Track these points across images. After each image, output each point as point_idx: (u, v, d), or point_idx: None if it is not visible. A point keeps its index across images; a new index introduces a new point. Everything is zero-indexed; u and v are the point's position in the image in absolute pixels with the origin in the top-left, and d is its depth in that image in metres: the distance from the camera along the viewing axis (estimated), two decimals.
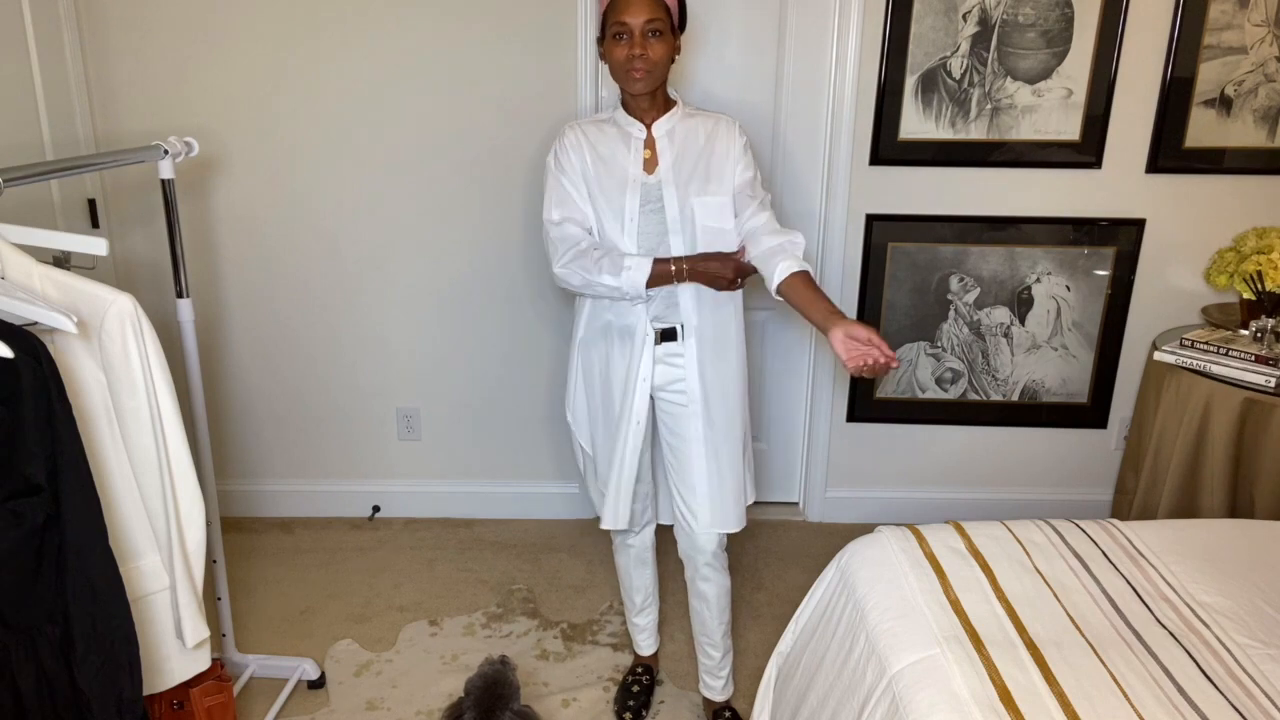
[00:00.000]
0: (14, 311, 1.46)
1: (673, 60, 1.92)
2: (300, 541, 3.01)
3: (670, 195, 1.93)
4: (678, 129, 1.96)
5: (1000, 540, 1.78)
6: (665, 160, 1.94)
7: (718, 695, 2.23)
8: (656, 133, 1.95)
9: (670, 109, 1.97)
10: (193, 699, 1.97)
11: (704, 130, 1.97)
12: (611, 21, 1.84)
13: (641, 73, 1.85)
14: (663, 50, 1.86)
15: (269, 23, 2.70)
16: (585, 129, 2.00)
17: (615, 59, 1.86)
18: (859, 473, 3.13)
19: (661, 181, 1.93)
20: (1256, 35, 2.64)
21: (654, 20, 1.83)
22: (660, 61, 1.87)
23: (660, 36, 1.85)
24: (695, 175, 1.94)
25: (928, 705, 1.36)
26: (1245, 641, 1.50)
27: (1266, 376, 2.37)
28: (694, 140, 1.96)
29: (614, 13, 1.84)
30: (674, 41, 1.90)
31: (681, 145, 1.95)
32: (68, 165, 1.83)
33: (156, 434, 1.65)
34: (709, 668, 2.21)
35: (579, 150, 1.96)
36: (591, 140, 1.97)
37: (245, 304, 2.96)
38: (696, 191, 1.93)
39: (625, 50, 1.84)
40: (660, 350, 1.99)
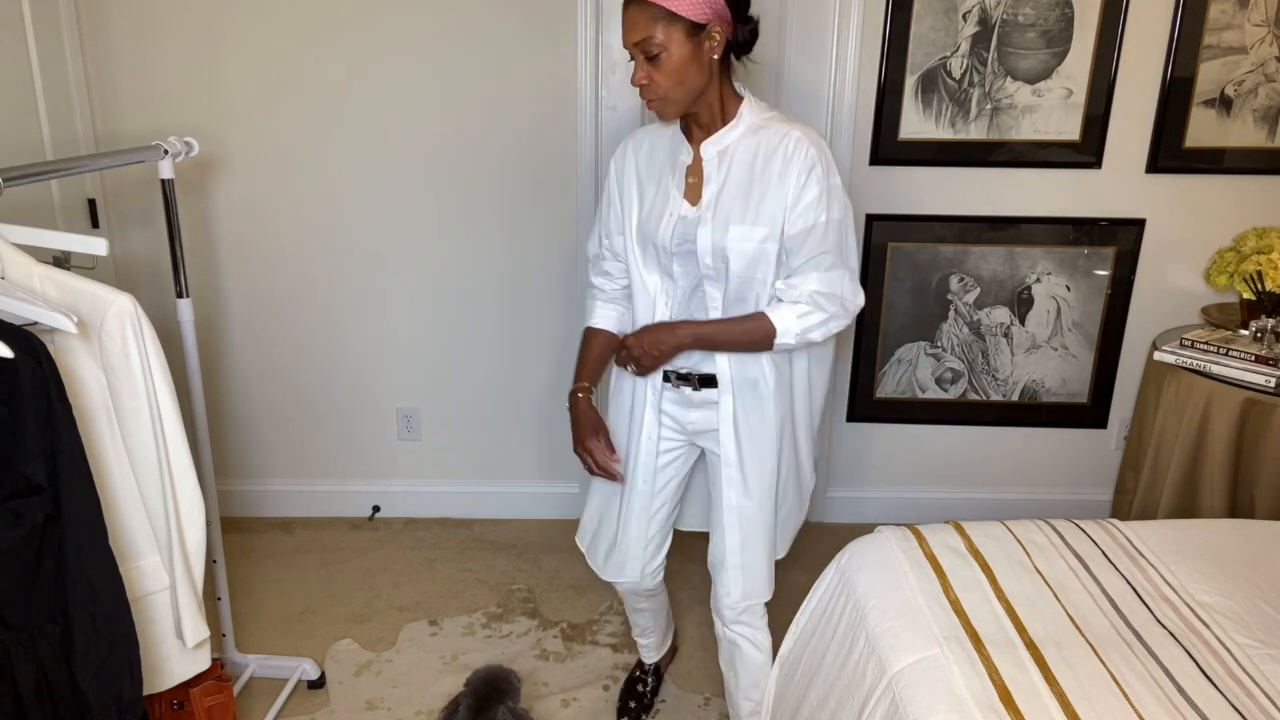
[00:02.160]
0: (14, 311, 1.46)
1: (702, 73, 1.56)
2: (300, 541, 3.01)
3: (704, 233, 1.62)
4: (735, 148, 1.62)
5: (1000, 540, 1.78)
6: (710, 189, 1.63)
7: None
8: (705, 154, 1.64)
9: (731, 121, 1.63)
10: (193, 699, 1.97)
11: (766, 147, 1.61)
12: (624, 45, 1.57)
13: (654, 104, 1.58)
14: (668, 73, 1.54)
15: (269, 23, 2.70)
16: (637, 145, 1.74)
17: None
18: (859, 473, 3.13)
19: (699, 217, 1.63)
20: (1256, 35, 2.64)
21: (646, 40, 1.52)
22: (672, 85, 1.55)
23: (663, 55, 1.53)
24: (736, 204, 1.61)
25: (928, 705, 1.36)
26: (1245, 641, 1.50)
27: (1266, 376, 2.37)
28: (750, 162, 1.61)
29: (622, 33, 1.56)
30: (698, 46, 1.55)
31: (732, 169, 1.62)
32: (68, 165, 1.83)
33: (156, 434, 1.65)
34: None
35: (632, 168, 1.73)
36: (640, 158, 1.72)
37: (245, 304, 2.96)
38: (737, 233, 1.61)
39: (633, 78, 1.56)
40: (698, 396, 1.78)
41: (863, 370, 2.99)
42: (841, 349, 2.97)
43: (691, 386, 1.78)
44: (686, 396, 1.80)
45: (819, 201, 1.59)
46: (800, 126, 1.62)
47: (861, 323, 2.94)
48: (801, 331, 1.65)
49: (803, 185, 1.58)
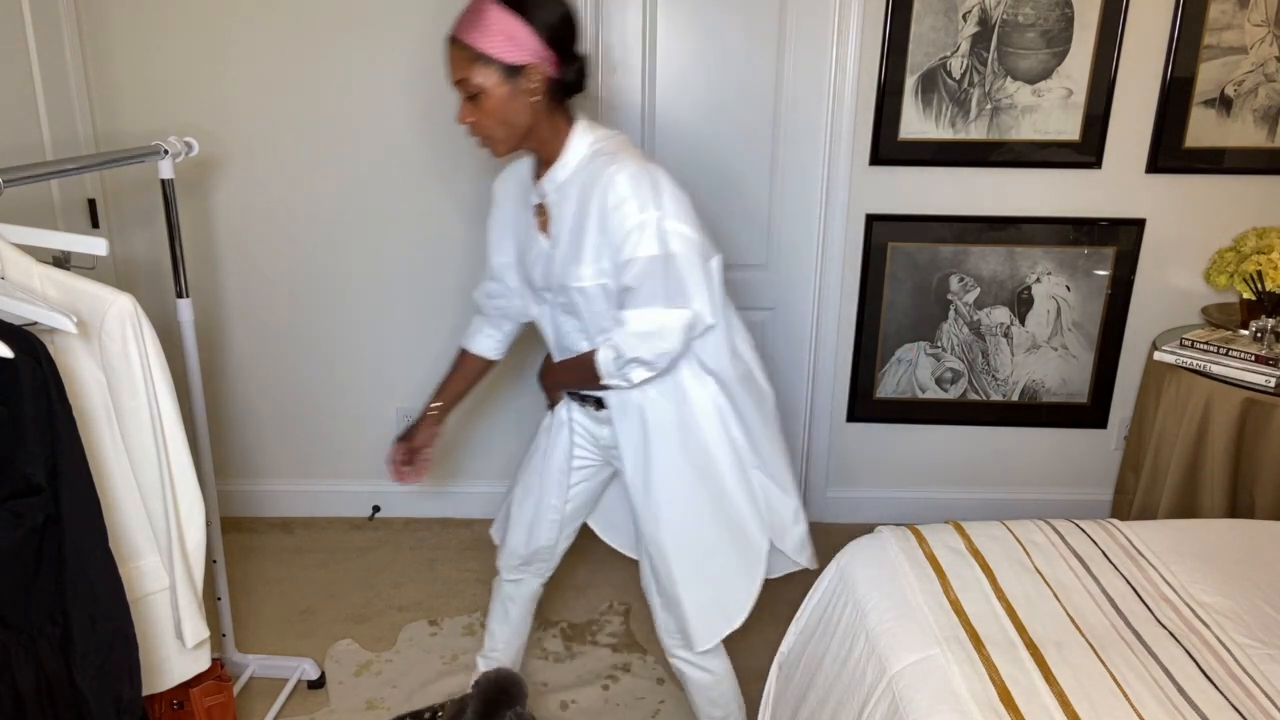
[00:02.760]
0: (14, 311, 1.46)
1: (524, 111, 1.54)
2: (300, 541, 3.01)
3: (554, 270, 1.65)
4: (568, 185, 1.60)
5: (1000, 540, 1.78)
6: (555, 226, 1.63)
7: None
8: (546, 192, 1.64)
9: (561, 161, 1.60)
10: (193, 699, 1.97)
11: (590, 184, 1.56)
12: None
13: (479, 143, 1.58)
14: (489, 110, 1.52)
15: (269, 23, 2.70)
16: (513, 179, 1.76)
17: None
18: (859, 473, 3.13)
19: (551, 254, 1.65)
20: (1256, 35, 2.64)
21: (463, 80, 1.51)
22: (495, 125, 1.54)
23: (481, 96, 1.51)
24: (573, 242, 1.61)
25: (928, 705, 1.36)
26: (1245, 641, 1.50)
27: (1266, 376, 2.37)
28: (580, 200, 1.58)
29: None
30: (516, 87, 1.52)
31: (568, 207, 1.61)
32: (68, 165, 1.82)
33: (156, 434, 1.65)
34: None
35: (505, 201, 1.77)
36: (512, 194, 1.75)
37: (245, 304, 2.96)
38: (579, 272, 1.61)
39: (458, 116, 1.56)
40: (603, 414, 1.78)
41: (863, 370, 2.99)
42: (841, 349, 2.98)
43: (594, 406, 1.79)
44: (594, 414, 1.81)
45: (631, 235, 1.53)
46: (624, 159, 1.54)
47: (861, 323, 2.94)
48: (618, 372, 1.62)
49: (617, 222, 1.54)
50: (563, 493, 1.91)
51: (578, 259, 1.60)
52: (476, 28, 1.49)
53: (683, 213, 1.57)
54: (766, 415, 1.79)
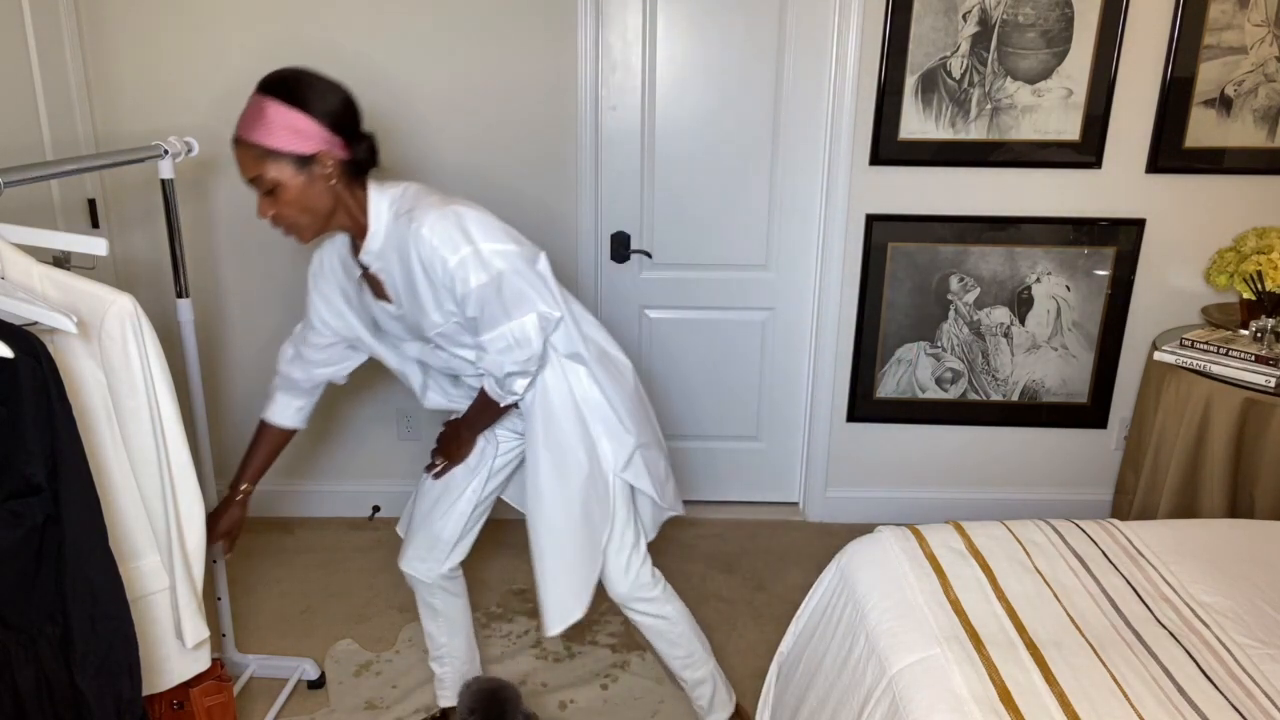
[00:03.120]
0: (14, 311, 1.46)
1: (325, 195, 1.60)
2: (300, 541, 3.01)
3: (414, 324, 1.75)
4: (384, 251, 1.68)
5: (1000, 540, 1.78)
6: (391, 289, 1.73)
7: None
8: (366, 263, 1.72)
9: (369, 231, 1.67)
10: (193, 699, 1.97)
11: (401, 244, 1.66)
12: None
13: (285, 232, 1.63)
14: (288, 201, 1.58)
15: (269, 22, 2.70)
16: (332, 260, 1.81)
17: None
18: (859, 473, 3.13)
19: (401, 314, 1.76)
20: (1256, 35, 2.64)
21: (257, 178, 1.56)
22: (297, 214, 1.59)
23: (277, 189, 1.56)
24: (413, 298, 1.71)
25: (928, 705, 1.36)
26: (1245, 641, 1.50)
27: (1266, 376, 2.37)
28: (401, 261, 1.67)
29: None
30: (311, 175, 1.57)
31: (394, 269, 1.69)
32: (68, 165, 1.82)
33: (156, 434, 1.65)
34: (686, 693, 2.12)
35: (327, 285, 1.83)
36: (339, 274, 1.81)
37: (245, 304, 2.96)
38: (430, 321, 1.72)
39: (257, 210, 1.60)
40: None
41: (863, 370, 2.99)
42: (841, 349, 2.98)
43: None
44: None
45: (455, 275, 1.63)
46: (421, 212, 1.63)
47: (861, 323, 2.94)
48: (504, 392, 1.76)
49: (439, 271, 1.63)
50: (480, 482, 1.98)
51: (423, 311, 1.70)
52: (260, 126, 1.55)
53: (492, 232, 1.66)
54: (629, 388, 1.91)
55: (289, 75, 1.58)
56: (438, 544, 2.02)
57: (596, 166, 2.83)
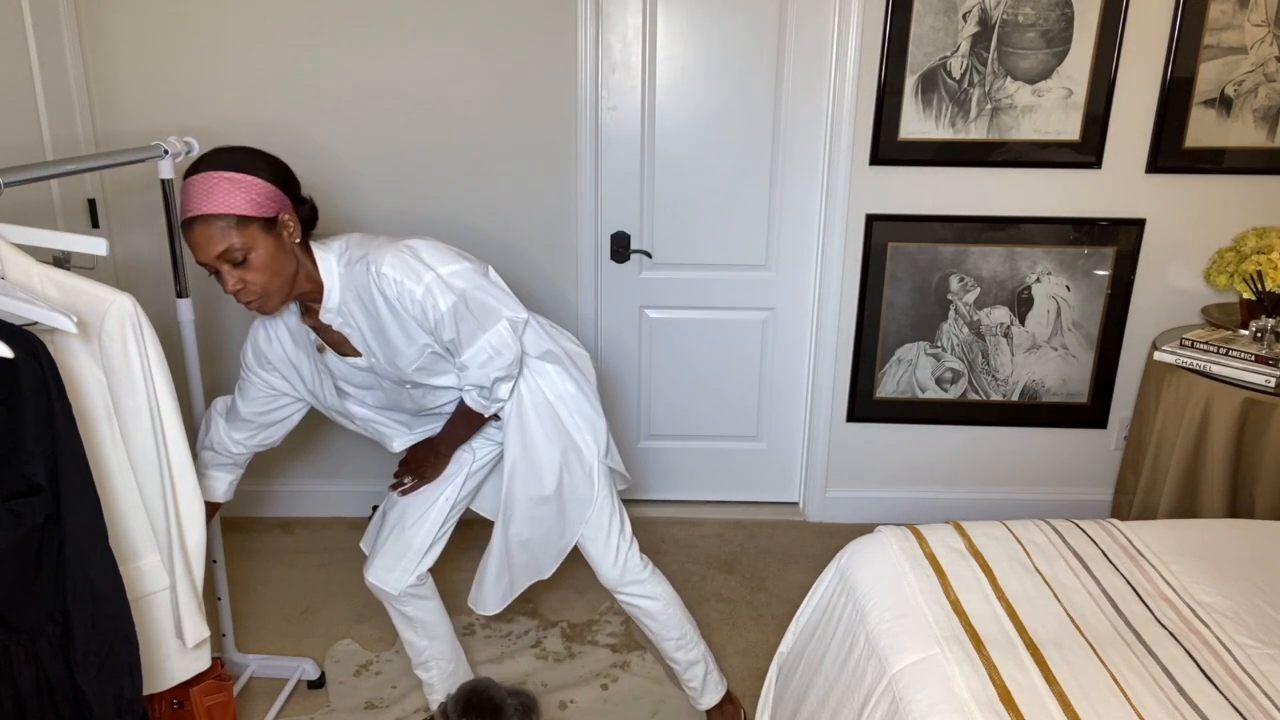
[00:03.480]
0: (14, 311, 1.46)
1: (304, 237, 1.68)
2: (300, 541, 3.01)
3: (387, 370, 1.80)
4: (344, 303, 1.73)
5: (1000, 540, 1.78)
6: (358, 342, 1.76)
7: (697, 703, 2.19)
8: (328, 321, 1.75)
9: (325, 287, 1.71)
10: (193, 698, 1.97)
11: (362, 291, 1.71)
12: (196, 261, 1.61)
13: (256, 302, 1.64)
14: (261, 265, 1.60)
15: (269, 22, 2.70)
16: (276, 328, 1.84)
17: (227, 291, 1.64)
18: (859, 473, 3.13)
19: (372, 364, 1.79)
20: (1256, 35, 2.64)
21: (226, 252, 1.57)
22: (267, 278, 1.61)
23: (250, 255, 1.59)
24: (383, 343, 1.76)
25: (928, 705, 1.36)
26: (1245, 641, 1.50)
27: (1266, 376, 2.37)
28: (364, 306, 1.73)
29: (191, 248, 1.60)
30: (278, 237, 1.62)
31: (357, 319, 1.74)
32: (68, 165, 1.82)
33: (156, 434, 1.65)
34: (678, 676, 2.18)
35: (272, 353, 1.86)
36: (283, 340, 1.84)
37: None
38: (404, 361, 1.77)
39: (223, 287, 1.62)
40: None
41: (863, 370, 2.99)
42: (841, 349, 2.98)
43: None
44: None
45: (426, 303, 1.69)
46: (374, 254, 1.69)
47: (861, 323, 2.94)
48: (489, 401, 1.84)
49: (404, 302, 1.69)
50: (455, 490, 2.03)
51: (396, 351, 1.75)
52: (218, 197, 1.57)
53: (444, 256, 1.74)
54: (593, 376, 2.01)
55: (224, 150, 1.63)
56: (408, 553, 2.03)
57: (596, 166, 2.83)
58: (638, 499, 3.23)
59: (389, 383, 1.86)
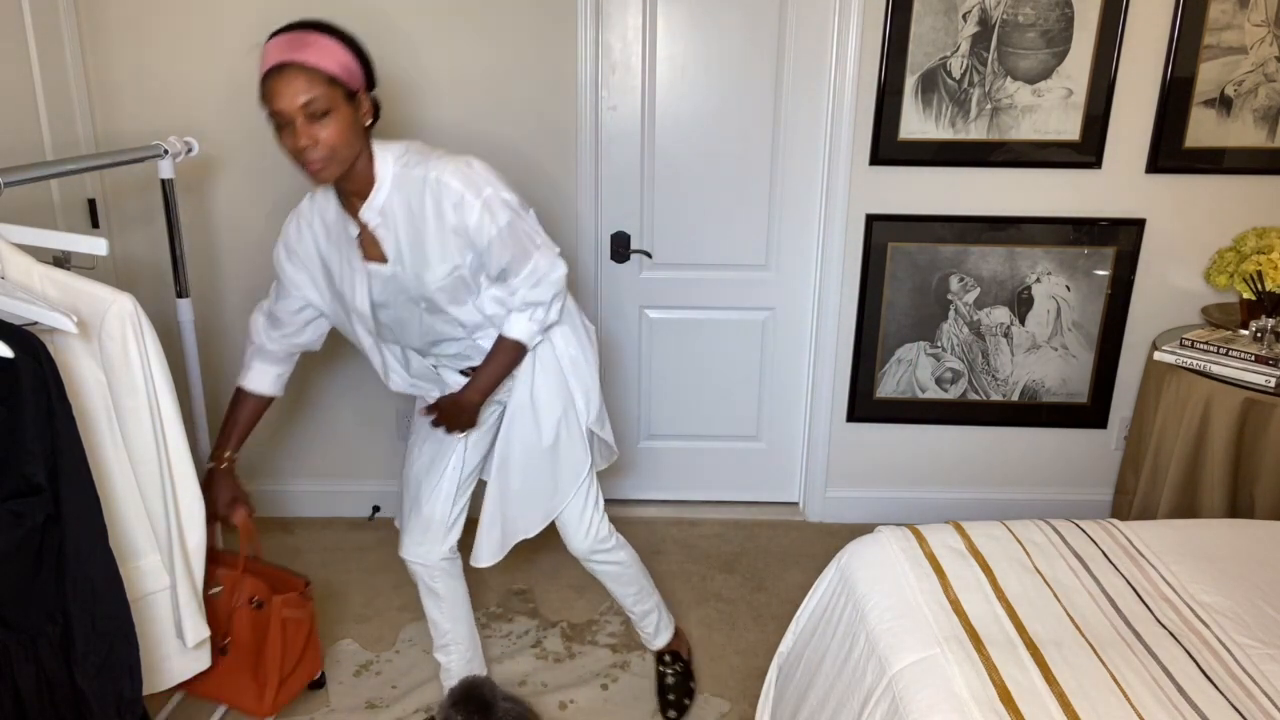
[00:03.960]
0: (14, 311, 1.47)
1: (370, 125, 1.67)
2: (300, 541, 3.01)
3: (408, 283, 1.76)
4: (389, 205, 1.71)
5: (1000, 540, 1.78)
6: (389, 246, 1.73)
7: (651, 645, 2.34)
8: (368, 219, 1.71)
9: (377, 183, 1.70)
10: (273, 606, 1.93)
11: (415, 195, 1.70)
12: (270, 112, 1.59)
13: (318, 162, 1.60)
14: (336, 129, 1.58)
15: (269, 22, 2.70)
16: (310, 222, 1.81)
17: (287, 151, 1.61)
18: (859, 473, 3.13)
19: (394, 272, 1.75)
20: (1256, 35, 2.64)
21: (312, 101, 1.55)
22: (339, 142, 1.59)
23: (329, 115, 1.57)
24: (417, 252, 1.72)
25: (928, 705, 1.36)
26: (1245, 641, 1.50)
27: (1266, 376, 2.37)
28: (409, 213, 1.70)
29: (267, 101, 1.58)
30: (357, 109, 1.63)
31: (398, 224, 1.71)
32: (68, 165, 1.83)
33: (156, 434, 1.65)
34: (634, 622, 2.31)
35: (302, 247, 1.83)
36: (316, 235, 1.81)
37: (245, 304, 2.96)
38: (431, 276, 1.74)
39: (291, 140, 1.58)
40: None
41: (863, 370, 2.99)
42: (841, 349, 2.98)
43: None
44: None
45: (483, 222, 1.70)
46: (436, 162, 1.70)
47: (861, 323, 2.94)
48: (539, 328, 1.87)
49: (463, 216, 1.69)
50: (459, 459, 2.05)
51: (426, 264, 1.73)
52: (315, 51, 1.58)
53: (500, 180, 1.76)
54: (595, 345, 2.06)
55: (318, 20, 1.63)
56: (431, 525, 2.07)
57: (596, 166, 2.83)
58: (638, 499, 3.23)
59: (403, 299, 1.80)
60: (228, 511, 1.97)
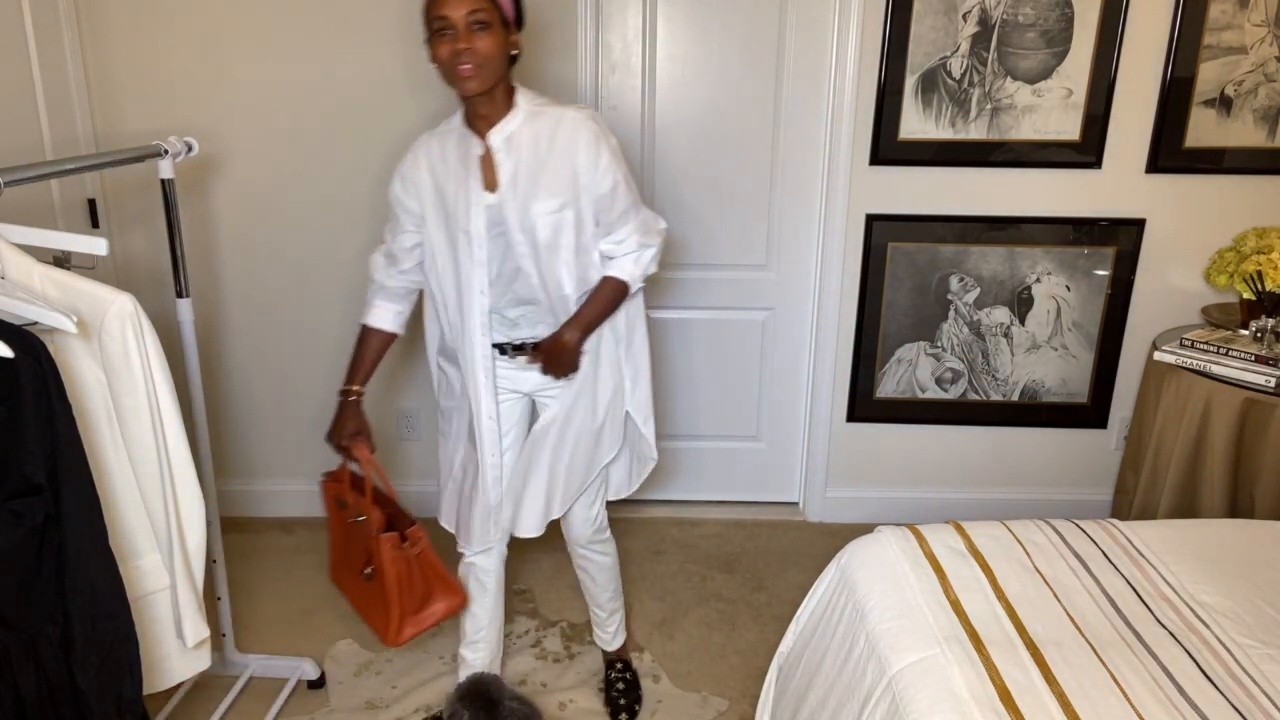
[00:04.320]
0: (14, 311, 1.46)
1: (513, 59, 1.80)
2: (300, 541, 3.01)
3: (511, 215, 1.81)
4: (518, 134, 1.81)
5: (1000, 540, 1.78)
6: (504, 174, 1.80)
7: (608, 646, 2.36)
8: (493, 142, 1.81)
9: (509, 112, 1.81)
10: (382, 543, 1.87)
11: (550, 133, 1.81)
12: (433, 17, 1.71)
13: (470, 69, 1.71)
14: (492, 43, 1.71)
15: (269, 22, 2.70)
16: (435, 144, 1.88)
17: (440, 57, 1.72)
18: (859, 473, 3.13)
19: (502, 201, 1.81)
20: (1256, 35, 2.65)
21: (477, 11, 1.69)
22: (491, 56, 1.72)
23: (487, 29, 1.71)
24: (537, 189, 1.80)
25: (928, 705, 1.36)
26: (1245, 641, 1.50)
27: (1266, 376, 2.37)
28: (540, 146, 1.81)
29: (434, 7, 1.71)
30: (508, 37, 1.76)
31: (521, 153, 1.81)
32: (68, 165, 1.83)
33: (156, 434, 1.65)
34: (599, 621, 2.33)
35: (425, 173, 1.88)
36: (437, 160, 1.87)
37: (245, 304, 2.96)
38: (539, 208, 1.81)
39: (449, 46, 1.70)
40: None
41: (863, 370, 2.99)
42: (841, 349, 2.98)
43: (526, 355, 1.98)
44: (521, 362, 1.99)
45: (610, 166, 1.84)
46: (573, 109, 1.84)
47: (861, 323, 2.94)
48: (643, 271, 1.95)
49: (594, 157, 1.81)
50: (497, 449, 2.03)
51: (536, 195, 1.80)
52: None
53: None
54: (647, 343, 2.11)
55: None
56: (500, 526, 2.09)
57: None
58: (638, 499, 3.22)
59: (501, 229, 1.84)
60: (350, 442, 1.99)
